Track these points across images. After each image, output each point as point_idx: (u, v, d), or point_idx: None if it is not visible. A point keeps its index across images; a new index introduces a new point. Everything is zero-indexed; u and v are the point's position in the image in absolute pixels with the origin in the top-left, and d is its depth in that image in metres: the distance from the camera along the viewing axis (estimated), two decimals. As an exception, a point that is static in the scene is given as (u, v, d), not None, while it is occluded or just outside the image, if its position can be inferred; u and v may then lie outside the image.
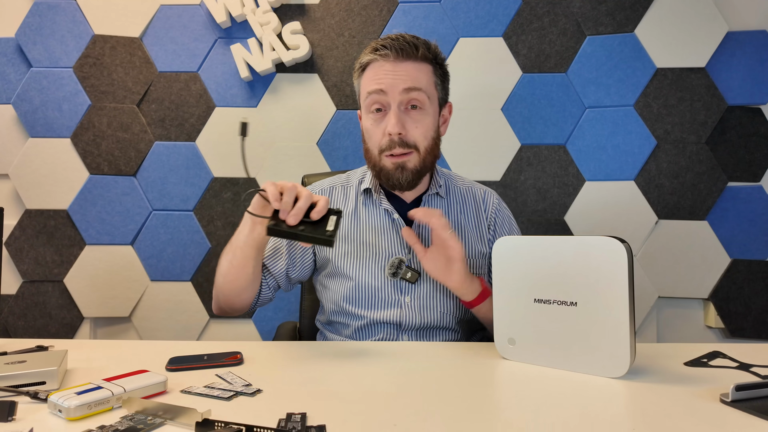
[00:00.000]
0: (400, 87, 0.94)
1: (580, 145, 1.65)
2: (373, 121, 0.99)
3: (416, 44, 0.96)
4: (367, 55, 0.98)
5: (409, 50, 0.95)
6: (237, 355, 0.78)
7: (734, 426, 0.54)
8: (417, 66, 0.96)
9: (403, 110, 0.96)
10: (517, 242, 0.78)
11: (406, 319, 0.98)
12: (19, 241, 1.66)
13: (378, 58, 0.96)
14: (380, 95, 0.96)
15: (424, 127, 0.98)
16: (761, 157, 1.60)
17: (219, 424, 0.51)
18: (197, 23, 1.68)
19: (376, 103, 0.97)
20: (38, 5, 1.66)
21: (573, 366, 0.72)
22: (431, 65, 0.99)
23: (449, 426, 0.54)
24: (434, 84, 1.00)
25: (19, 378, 0.64)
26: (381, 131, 0.97)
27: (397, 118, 0.94)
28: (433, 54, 1.00)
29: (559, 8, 1.65)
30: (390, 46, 0.95)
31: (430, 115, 0.99)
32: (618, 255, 0.68)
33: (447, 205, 1.07)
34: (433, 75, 0.99)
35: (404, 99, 0.95)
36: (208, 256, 1.67)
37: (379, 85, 0.95)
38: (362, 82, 1.00)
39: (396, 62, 0.95)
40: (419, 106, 0.97)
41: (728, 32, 1.61)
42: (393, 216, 1.03)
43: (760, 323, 1.59)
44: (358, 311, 1.00)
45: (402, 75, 0.95)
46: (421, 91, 0.96)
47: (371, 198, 1.06)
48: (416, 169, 0.98)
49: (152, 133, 1.67)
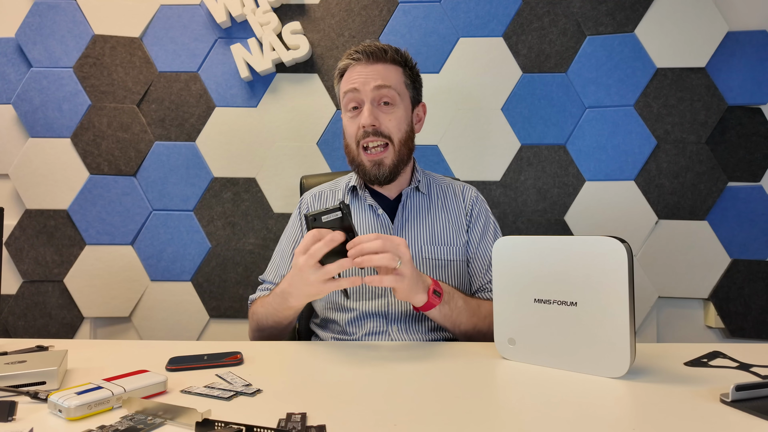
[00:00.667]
0: (371, 84, 1.04)
1: (580, 145, 1.65)
2: (350, 119, 1.08)
3: (385, 49, 1.06)
4: (344, 61, 1.08)
5: (379, 54, 1.05)
6: (237, 355, 0.78)
7: (734, 426, 0.54)
8: (387, 67, 1.06)
9: (376, 105, 1.05)
10: (517, 242, 0.78)
11: (392, 309, 1.03)
12: (19, 241, 1.66)
13: (352, 62, 1.07)
14: (355, 93, 1.05)
15: (397, 120, 1.06)
16: (761, 157, 1.60)
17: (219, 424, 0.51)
18: (197, 23, 1.68)
19: (352, 101, 1.06)
20: (38, 5, 1.66)
21: (573, 366, 0.72)
22: (401, 67, 1.08)
23: (449, 426, 0.54)
24: (404, 84, 1.08)
25: (19, 378, 0.64)
26: (356, 125, 1.06)
27: (369, 112, 1.03)
28: (403, 58, 1.09)
29: (559, 8, 1.65)
30: (362, 51, 1.06)
31: (402, 109, 1.07)
32: (618, 255, 0.68)
33: (428, 201, 1.13)
34: (403, 76, 1.08)
35: (376, 96, 1.04)
36: (208, 256, 1.67)
37: (353, 84, 1.05)
38: (341, 86, 1.10)
39: (368, 64, 1.05)
40: (390, 102, 1.06)
41: (728, 32, 1.61)
42: (378, 211, 1.09)
43: (760, 323, 1.59)
44: (346, 304, 1.04)
45: (373, 74, 1.04)
46: (391, 88, 1.05)
47: (357, 196, 1.13)
48: (393, 164, 1.06)
49: (152, 133, 1.67)
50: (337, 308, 1.05)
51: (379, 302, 1.03)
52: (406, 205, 1.10)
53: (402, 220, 1.09)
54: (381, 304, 1.03)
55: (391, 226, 1.08)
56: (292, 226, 1.16)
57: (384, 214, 1.08)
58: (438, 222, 1.10)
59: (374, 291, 1.03)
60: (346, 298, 1.03)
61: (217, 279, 1.67)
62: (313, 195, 1.18)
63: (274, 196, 1.68)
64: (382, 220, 1.08)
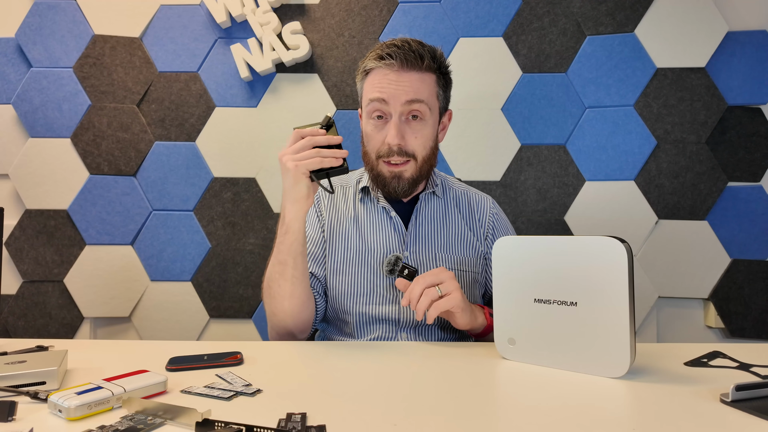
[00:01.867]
0: (402, 99, 0.95)
1: (580, 145, 1.65)
2: (374, 127, 1.00)
3: (422, 54, 0.96)
4: (372, 61, 0.98)
5: (414, 61, 0.95)
6: (237, 355, 0.78)
7: (734, 426, 0.54)
8: (421, 77, 0.96)
9: (404, 120, 0.97)
10: (517, 242, 0.78)
11: (403, 316, 1.00)
12: (19, 241, 1.66)
13: (382, 66, 0.96)
14: (382, 104, 0.97)
15: (424, 138, 0.99)
16: (761, 157, 1.60)
17: (219, 424, 0.51)
18: (197, 23, 1.68)
19: (378, 111, 0.98)
20: (38, 5, 1.66)
21: (573, 366, 0.72)
22: (435, 75, 1.00)
23: (449, 426, 0.54)
24: (436, 95, 1.01)
25: (19, 378, 0.64)
26: (381, 138, 0.98)
27: (397, 130, 0.96)
28: (438, 63, 1.00)
29: (559, 8, 1.65)
30: (395, 55, 0.94)
31: (430, 126, 1.00)
32: (618, 255, 0.68)
33: (444, 205, 1.09)
34: (435, 85, 1.00)
35: (405, 110, 0.96)
36: (208, 256, 1.67)
37: (381, 94, 0.96)
38: (365, 87, 1.01)
39: (400, 72, 0.95)
40: (420, 117, 0.98)
41: (728, 32, 1.61)
42: (390, 214, 1.04)
43: (760, 323, 1.59)
44: (356, 308, 1.01)
45: (405, 86, 0.95)
46: (423, 103, 0.97)
47: (369, 196, 1.07)
48: (412, 179, 1.00)
49: (152, 133, 1.67)
50: (348, 311, 1.02)
51: (390, 308, 1.00)
52: (421, 210, 1.06)
53: (417, 225, 1.04)
54: (392, 310, 1.00)
55: (405, 232, 1.04)
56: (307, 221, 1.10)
57: (397, 218, 1.04)
58: (453, 229, 1.06)
59: (385, 296, 1.00)
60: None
61: (217, 279, 1.67)
62: (321, 191, 1.11)
63: (274, 196, 1.68)
64: (395, 223, 1.04)
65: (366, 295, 1.01)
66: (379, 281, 1.01)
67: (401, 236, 1.03)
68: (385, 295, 1.00)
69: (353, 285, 1.01)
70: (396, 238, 1.03)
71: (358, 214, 1.06)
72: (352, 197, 1.09)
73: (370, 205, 1.07)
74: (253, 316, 1.67)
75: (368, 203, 1.07)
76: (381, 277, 1.01)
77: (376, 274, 1.01)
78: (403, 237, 1.04)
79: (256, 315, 1.68)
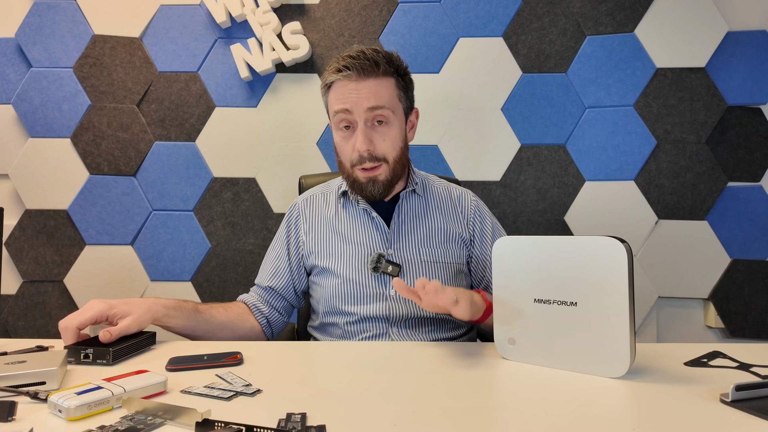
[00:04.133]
0: (364, 105, 0.98)
1: (580, 145, 1.65)
2: (342, 138, 1.03)
3: (377, 60, 0.99)
4: (331, 74, 1.01)
5: (371, 68, 0.98)
6: (237, 355, 0.78)
7: (734, 426, 0.54)
8: (379, 82, 1.00)
9: (370, 126, 1.00)
10: (517, 242, 0.78)
11: (393, 312, 1.01)
12: (19, 241, 1.66)
13: (341, 78, 0.99)
14: (346, 114, 1.00)
15: (392, 140, 1.02)
16: (761, 157, 1.60)
17: (219, 424, 0.51)
18: (197, 23, 1.68)
19: (344, 121, 1.01)
20: (38, 5, 1.66)
21: (573, 366, 0.72)
22: (393, 78, 1.03)
23: (449, 426, 0.54)
24: (397, 97, 1.03)
25: (19, 378, 0.63)
26: (351, 147, 1.01)
27: (364, 136, 0.99)
28: (395, 67, 1.03)
29: (559, 8, 1.65)
30: (352, 66, 0.98)
31: (396, 127, 1.03)
32: (618, 255, 0.68)
33: (424, 202, 1.11)
34: (396, 88, 1.03)
35: (369, 116, 0.99)
36: (208, 256, 1.67)
37: (344, 104, 0.99)
38: (329, 100, 1.04)
39: (359, 81, 0.98)
40: (384, 121, 1.01)
41: (728, 32, 1.61)
42: (372, 215, 1.07)
43: (760, 323, 1.59)
44: (347, 308, 1.03)
45: (365, 93, 0.98)
46: (385, 108, 1.00)
47: (350, 200, 1.10)
48: (387, 181, 1.03)
49: (152, 133, 1.67)
50: (338, 312, 1.04)
51: (380, 305, 1.01)
52: (402, 208, 1.08)
53: (399, 223, 1.07)
54: (381, 307, 1.01)
55: (387, 230, 1.05)
56: (279, 235, 1.14)
57: (379, 218, 1.06)
58: (434, 224, 1.08)
59: (374, 295, 1.02)
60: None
61: (217, 279, 1.67)
62: (304, 200, 1.15)
63: (273, 196, 1.68)
64: (377, 223, 1.06)
65: (354, 296, 1.03)
66: (367, 280, 1.03)
67: (384, 235, 1.05)
68: (373, 292, 1.02)
69: (340, 287, 1.03)
70: (379, 237, 1.05)
71: (340, 219, 1.09)
72: (333, 203, 1.12)
73: (351, 208, 1.10)
74: (253, 316, 1.67)
75: (349, 207, 1.10)
76: (367, 276, 1.03)
77: (362, 274, 1.03)
78: (386, 235, 1.05)
79: (256, 315, 1.67)
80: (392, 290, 1.01)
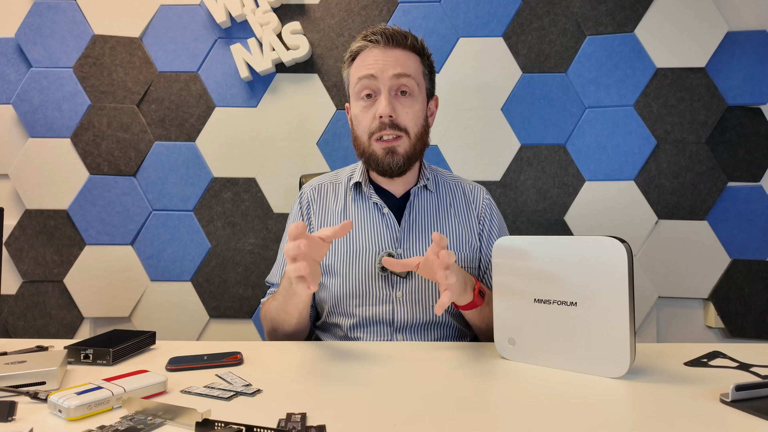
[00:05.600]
0: (390, 72, 0.96)
1: (580, 145, 1.65)
2: (363, 108, 1.00)
3: (405, 34, 0.99)
4: (358, 42, 1.00)
5: (399, 38, 0.98)
6: (237, 355, 0.78)
7: (734, 426, 0.54)
8: (406, 54, 0.99)
9: (394, 95, 0.98)
10: (517, 242, 0.78)
11: (398, 316, 0.99)
12: (19, 241, 1.66)
13: (369, 45, 0.98)
14: (370, 80, 0.97)
15: (414, 113, 0.99)
16: (761, 157, 1.60)
17: (219, 424, 0.51)
18: (197, 23, 1.68)
19: (366, 89, 0.98)
20: (38, 5, 1.66)
21: (573, 366, 0.72)
22: (419, 56, 1.02)
23: (449, 426, 0.54)
24: (422, 73, 1.02)
25: (19, 378, 0.64)
26: (371, 116, 0.98)
27: (387, 101, 0.96)
28: (421, 46, 1.02)
29: (559, 8, 1.65)
30: (380, 33, 0.97)
31: (419, 101, 1.01)
32: (618, 255, 0.68)
33: (436, 199, 1.08)
34: (421, 65, 1.02)
35: (394, 84, 0.97)
36: (208, 256, 1.67)
37: (369, 70, 0.97)
38: (352, 70, 1.02)
39: (386, 49, 0.97)
40: (409, 93, 0.99)
41: (728, 32, 1.61)
42: (383, 210, 1.03)
43: (760, 323, 1.59)
44: (350, 309, 1.00)
45: (392, 61, 0.97)
46: (411, 78, 0.98)
47: (361, 193, 1.06)
48: (407, 154, 0.99)
49: (152, 133, 1.67)
50: (342, 313, 1.01)
51: (385, 308, 0.99)
52: (414, 205, 1.04)
53: (410, 220, 1.03)
54: (386, 310, 0.98)
55: (398, 227, 1.02)
56: (292, 221, 1.10)
57: (390, 214, 1.02)
58: (447, 222, 1.05)
59: (380, 296, 0.99)
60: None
61: (217, 279, 1.67)
62: (313, 188, 1.11)
63: (274, 196, 1.68)
64: (387, 219, 1.02)
65: (360, 297, 0.99)
66: (373, 280, 0.99)
67: (394, 233, 1.02)
68: (379, 294, 0.99)
69: (346, 285, 1.00)
70: (389, 236, 1.02)
71: (349, 213, 1.05)
72: (342, 195, 1.07)
73: (361, 202, 1.05)
74: (253, 316, 1.67)
75: (359, 200, 1.05)
76: (375, 276, 0.99)
77: (370, 274, 1.00)
78: (396, 233, 1.02)
79: (255, 315, 1.68)
80: (399, 292, 0.99)
